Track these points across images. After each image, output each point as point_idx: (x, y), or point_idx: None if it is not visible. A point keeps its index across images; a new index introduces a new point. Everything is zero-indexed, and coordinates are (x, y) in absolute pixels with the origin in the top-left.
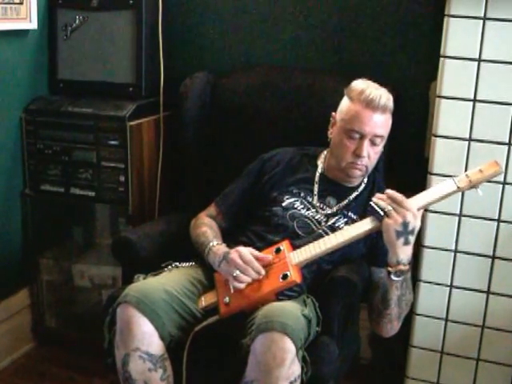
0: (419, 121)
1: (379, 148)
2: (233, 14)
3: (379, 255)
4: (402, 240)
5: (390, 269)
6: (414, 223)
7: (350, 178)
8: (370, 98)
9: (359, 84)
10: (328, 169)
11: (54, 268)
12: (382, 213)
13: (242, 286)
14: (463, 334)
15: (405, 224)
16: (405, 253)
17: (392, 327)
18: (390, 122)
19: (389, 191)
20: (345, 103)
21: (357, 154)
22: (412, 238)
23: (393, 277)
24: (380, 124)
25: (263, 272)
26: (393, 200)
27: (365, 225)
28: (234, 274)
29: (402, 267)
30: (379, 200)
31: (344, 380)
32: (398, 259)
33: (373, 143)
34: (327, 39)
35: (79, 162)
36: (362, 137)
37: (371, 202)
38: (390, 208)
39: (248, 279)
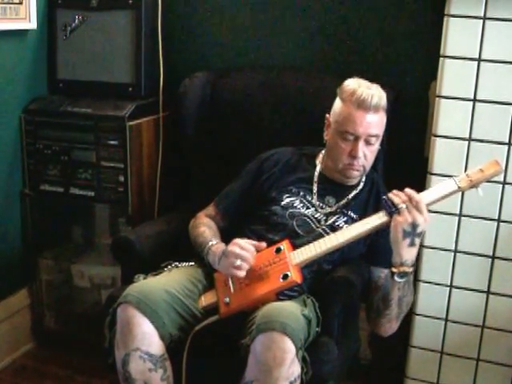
0: (419, 121)
1: (375, 147)
2: (233, 14)
3: (380, 254)
4: (408, 241)
5: (393, 269)
6: (424, 226)
7: (348, 178)
8: (362, 99)
9: (350, 84)
10: (326, 169)
11: (54, 268)
12: (394, 209)
13: (243, 273)
14: (463, 334)
15: (414, 225)
16: (409, 254)
17: (391, 327)
18: (384, 119)
19: (408, 190)
20: (337, 105)
21: (352, 156)
22: (418, 241)
23: (396, 278)
24: (374, 124)
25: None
26: (410, 199)
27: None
28: (236, 264)
29: (405, 268)
30: (395, 196)
31: (344, 380)
32: (402, 260)
33: (368, 143)
34: (327, 40)
35: (79, 161)
36: (357, 138)
37: (386, 196)
38: (403, 206)
39: (247, 266)
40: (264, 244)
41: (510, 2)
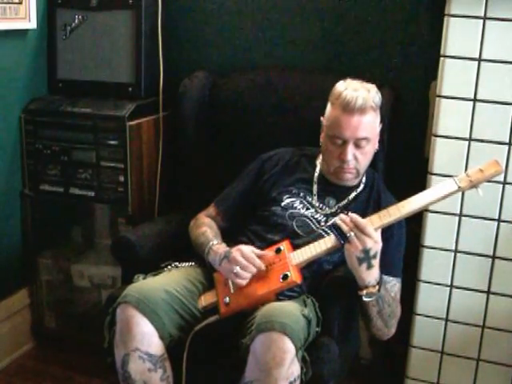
0: (419, 121)
1: (367, 149)
2: (232, 14)
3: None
4: (364, 265)
5: (359, 292)
6: (376, 248)
7: (342, 180)
8: (346, 102)
9: (338, 87)
10: (324, 170)
11: (54, 268)
12: (343, 238)
13: (244, 282)
14: (463, 334)
15: (365, 250)
16: (371, 276)
17: (383, 333)
18: (375, 120)
19: (352, 215)
20: (328, 108)
21: (342, 159)
22: (375, 262)
23: (365, 299)
24: (362, 126)
25: (263, 267)
26: (355, 225)
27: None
28: (235, 271)
29: (371, 289)
30: (342, 223)
31: (344, 380)
32: (365, 283)
33: (357, 146)
34: (327, 40)
35: (78, 161)
36: (345, 142)
37: (334, 223)
38: (351, 234)
39: (249, 275)
40: (269, 253)
41: (510, 1)
